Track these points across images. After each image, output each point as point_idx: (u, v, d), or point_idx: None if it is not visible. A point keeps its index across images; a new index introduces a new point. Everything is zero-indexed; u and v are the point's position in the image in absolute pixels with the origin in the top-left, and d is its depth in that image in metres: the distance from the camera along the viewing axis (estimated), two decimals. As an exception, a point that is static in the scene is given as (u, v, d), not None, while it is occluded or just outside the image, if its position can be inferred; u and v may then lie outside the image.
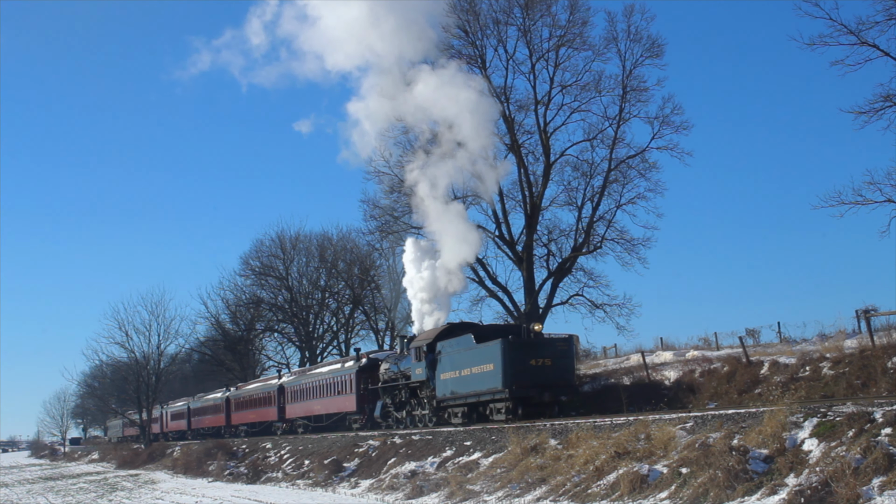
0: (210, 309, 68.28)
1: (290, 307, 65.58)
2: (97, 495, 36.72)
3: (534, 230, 40.23)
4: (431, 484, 22.22)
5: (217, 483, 36.36)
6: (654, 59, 38.83)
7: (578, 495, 17.14)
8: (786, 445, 14.64)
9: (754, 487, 14.01)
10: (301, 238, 66.69)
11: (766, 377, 23.73)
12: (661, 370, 28.09)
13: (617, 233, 40.17)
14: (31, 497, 39.19)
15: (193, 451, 46.75)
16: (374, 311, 62.71)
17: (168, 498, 31.27)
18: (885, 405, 14.67)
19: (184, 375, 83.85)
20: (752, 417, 16.79)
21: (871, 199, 25.21)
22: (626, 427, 19.17)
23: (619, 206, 39.85)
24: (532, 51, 39.66)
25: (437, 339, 30.11)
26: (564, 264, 40.46)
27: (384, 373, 34.64)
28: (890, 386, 19.77)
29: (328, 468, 29.07)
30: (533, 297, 39.49)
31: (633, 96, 39.11)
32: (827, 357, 22.84)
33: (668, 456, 16.79)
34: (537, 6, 39.19)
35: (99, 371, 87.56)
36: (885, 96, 25.13)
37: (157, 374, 64.71)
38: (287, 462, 35.10)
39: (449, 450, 24.88)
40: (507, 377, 25.89)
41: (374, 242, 45.54)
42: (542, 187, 40.23)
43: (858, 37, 25.30)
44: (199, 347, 72.63)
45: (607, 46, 38.99)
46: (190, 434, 67.44)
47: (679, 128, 38.64)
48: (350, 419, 38.85)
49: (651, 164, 39.36)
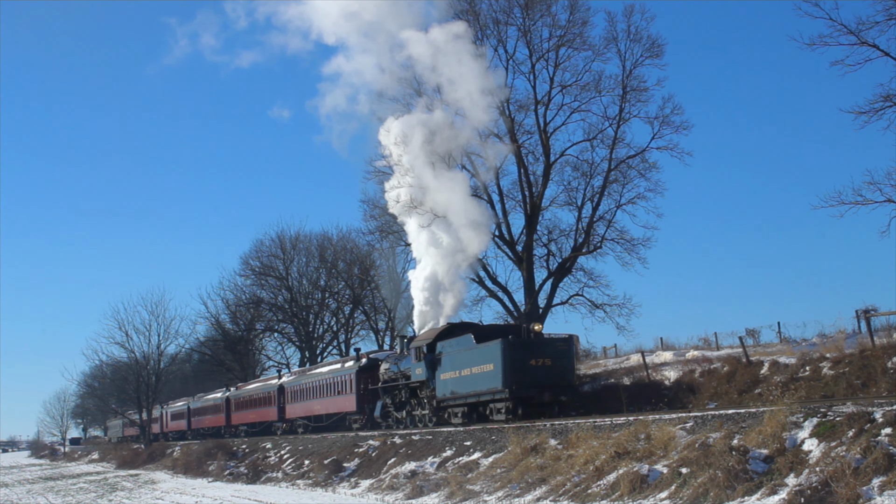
0: (210, 309, 68.41)
1: (290, 307, 65.58)
2: (97, 495, 36.72)
3: (534, 230, 40.21)
4: (431, 484, 22.23)
5: (217, 483, 36.35)
6: (654, 59, 38.80)
7: (578, 495, 17.14)
8: (786, 445, 14.64)
9: (754, 487, 14.01)
10: (301, 238, 66.81)
11: (766, 377, 23.72)
12: (661, 370, 28.08)
13: (617, 233, 40.16)
14: (31, 497, 39.19)
15: (193, 451, 46.73)
16: (374, 311, 62.72)
17: (168, 498, 31.27)
18: (885, 405, 14.67)
19: (184, 375, 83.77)
20: (752, 417, 16.79)
21: (871, 199, 25.19)
22: (626, 427, 19.18)
23: (619, 206, 39.83)
24: (532, 51, 39.66)
25: (437, 339, 30.13)
26: (564, 264, 40.44)
27: (384, 373, 34.64)
28: (890, 386, 19.78)
29: (328, 468, 29.08)
30: (533, 297, 39.46)
31: (633, 96, 39.09)
32: (827, 357, 22.84)
33: (668, 456, 16.80)
34: (537, 6, 39.17)
35: (99, 371, 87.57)
36: (885, 96, 25.12)
37: (157, 374, 64.71)
38: (287, 462, 35.09)
39: (449, 450, 24.88)
40: (507, 377, 25.89)
41: (374, 242, 45.56)
42: (542, 187, 40.22)
43: (858, 37, 25.30)
44: (199, 347, 72.61)
45: (607, 46, 38.98)
46: (190, 434, 67.42)
47: (679, 128, 38.62)
48: (350, 419, 38.85)
49: (651, 164, 39.35)
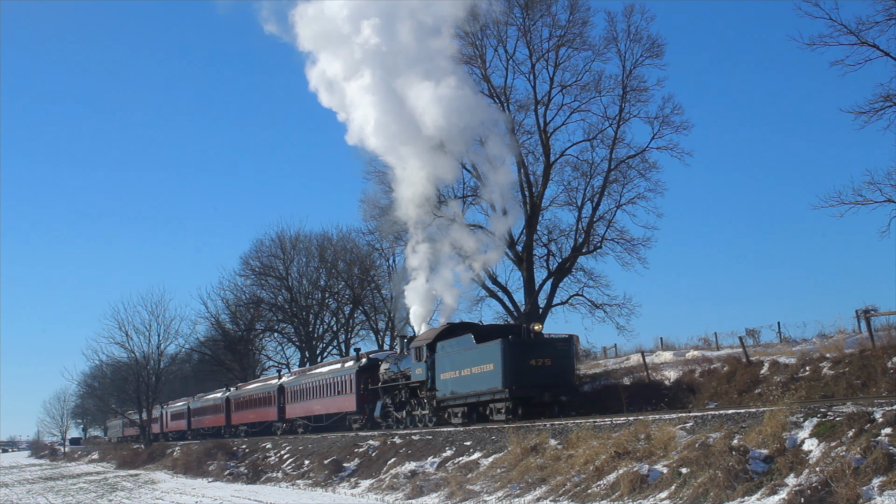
0: (210, 309, 68.33)
1: (290, 307, 65.55)
2: (97, 495, 36.71)
3: (534, 230, 40.23)
4: (431, 484, 22.22)
5: (217, 483, 36.35)
6: (653, 59, 38.86)
7: (578, 495, 17.14)
8: (786, 445, 14.64)
9: (754, 487, 14.01)
10: (301, 238, 66.73)
11: (766, 377, 23.72)
12: (661, 370, 28.06)
13: (617, 233, 40.22)
14: (31, 497, 39.18)
15: (193, 451, 46.72)
16: (374, 311, 62.69)
17: (168, 498, 31.27)
18: (885, 405, 14.67)
19: (184, 375, 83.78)
20: (752, 417, 16.78)
21: (871, 199, 25.23)
22: (626, 427, 19.17)
23: (619, 206, 39.89)
24: (532, 51, 39.70)
25: (436, 340, 30.11)
26: (564, 264, 40.45)
27: (384, 373, 34.63)
28: (890, 386, 19.77)
29: (328, 468, 29.07)
30: (533, 297, 39.47)
31: (633, 96, 39.15)
32: (827, 357, 22.83)
33: (668, 456, 16.79)
34: (537, 6, 39.21)
35: (99, 371, 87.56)
36: (885, 96, 25.15)
37: (157, 374, 64.69)
38: (287, 462, 35.08)
39: (449, 450, 24.87)
40: (507, 377, 25.89)
41: (374, 242, 45.60)
42: (542, 187, 40.24)
43: (858, 37, 25.33)
44: (199, 347, 72.56)
45: (607, 46, 39.04)
46: (190, 434, 67.40)
47: (679, 128, 38.67)
48: (350, 419, 38.84)
49: (651, 164, 39.41)
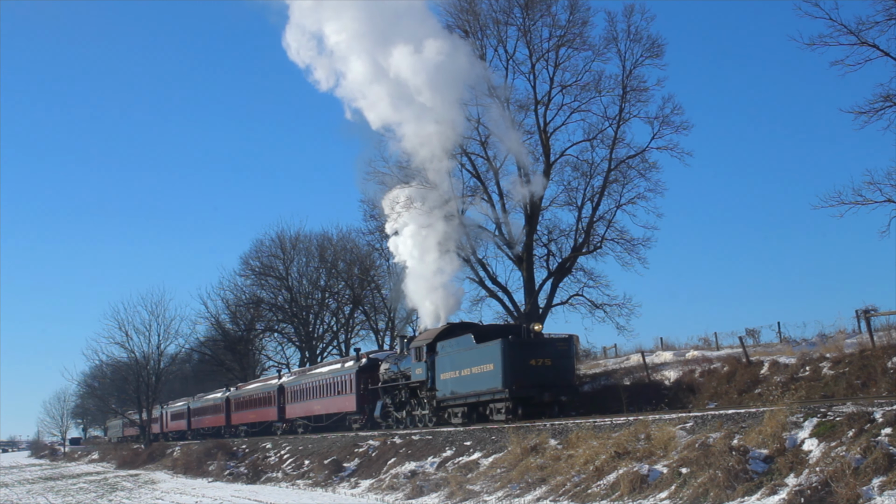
0: (210, 309, 68.33)
1: (290, 307, 65.55)
2: (97, 495, 36.72)
3: (534, 230, 40.19)
4: (431, 484, 22.22)
5: (217, 483, 36.35)
6: (654, 59, 38.74)
7: (578, 495, 17.14)
8: (786, 445, 14.64)
9: (754, 487, 14.01)
10: (301, 238, 66.74)
11: (766, 377, 23.72)
12: (661, 370, 28.07)
13: (617, 233, 40.12)
14: (31, 497, 39.19)
15: (193, 451, 46.72)
16: (374, 311, 62.67)
17: (168, 498, 31.27)
18: (885, 405, 14.67)
19: (184, 375, 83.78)
20: (752, 417, 16.78)
21: (870, 199, 25.15)
22: (626, 427, 19.17)
23: (619, 206, 39.79)
24: (532, 51, 39.61)
25: (436, 340, 30.12)
26: (564, 264, 40.42)
27: (384, 373, 34.63)
28: (890, 386, 19.77)
29: (328, 468, 29.07)
30: (533, 297, 39.45)
31: (633, 96, 39.04)
32: (827, 357, 22.83)
33: (668, 456, 16.79)
34: (537, 6, 39.14)
35: (99, 371, 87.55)
36: (885, 96, 25.08)
37: (157, 374, 64.73)
38: (287, 462, 35.08)
39: (449, 450, 24.87)
40: (507, 377, 25.89)
41: (374, 242, 45.52)
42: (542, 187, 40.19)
43: (858, 37, 25.26)
44: (199, 347, 72.60)
45: (607, 46, 38.91)
46: (190, 434, 67.41)
47: (679, 128, 38.56)
48: (350, 419, 38.85)
49: (651, 164, 39.30)
